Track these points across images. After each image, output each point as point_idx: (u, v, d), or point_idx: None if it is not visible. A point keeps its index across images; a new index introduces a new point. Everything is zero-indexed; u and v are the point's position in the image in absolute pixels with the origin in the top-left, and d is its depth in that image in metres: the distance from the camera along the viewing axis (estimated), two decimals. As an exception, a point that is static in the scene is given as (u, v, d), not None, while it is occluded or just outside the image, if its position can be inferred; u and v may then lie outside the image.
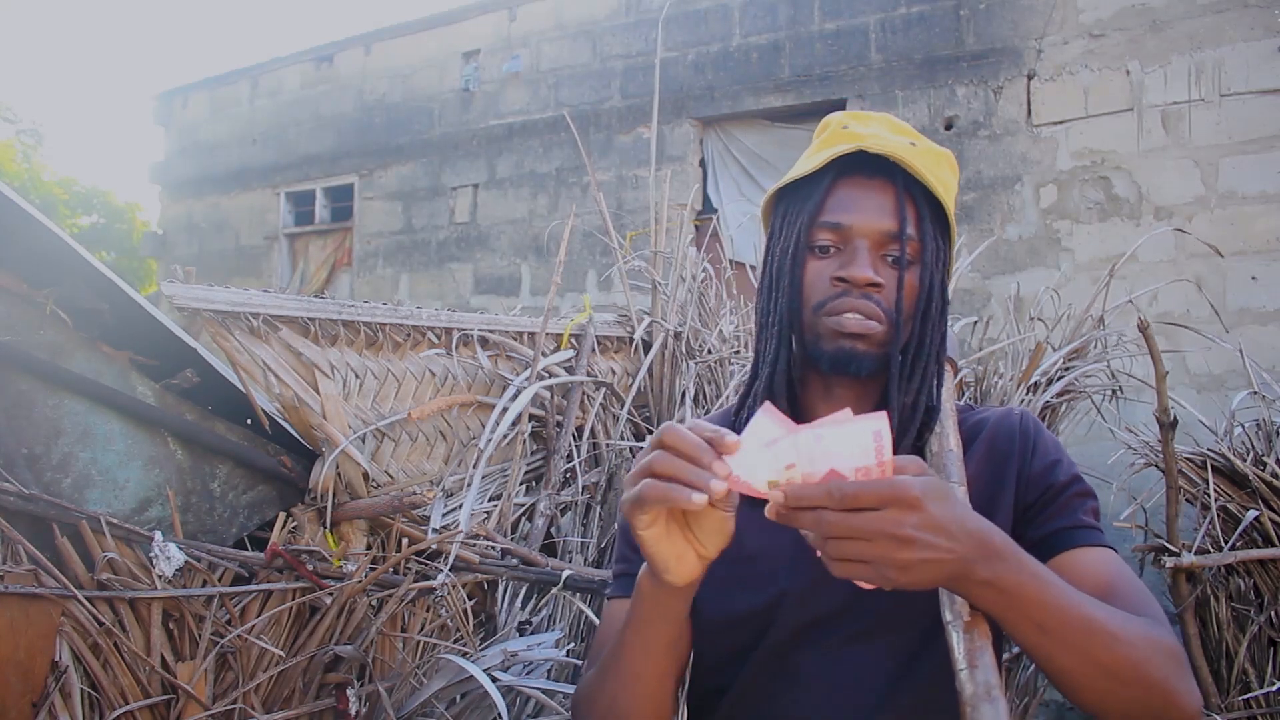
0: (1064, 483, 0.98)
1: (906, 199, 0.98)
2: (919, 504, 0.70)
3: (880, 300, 0.97)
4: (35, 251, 1.45)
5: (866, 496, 0.69)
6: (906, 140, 1.01)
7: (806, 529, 0.71)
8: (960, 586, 0.76)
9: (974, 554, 0.73)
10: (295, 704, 1.64)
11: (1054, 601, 0.78)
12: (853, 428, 0.70)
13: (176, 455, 1.59)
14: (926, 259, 0.98)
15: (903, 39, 5.93)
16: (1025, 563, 0.78)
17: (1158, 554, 2.33)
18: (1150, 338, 2.25)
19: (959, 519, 0.73)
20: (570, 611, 2.18)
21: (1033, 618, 0.77)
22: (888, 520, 0.69)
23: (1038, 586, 0.77)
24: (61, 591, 1.40)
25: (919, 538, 0.70)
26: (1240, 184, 4.84)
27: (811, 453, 0.70)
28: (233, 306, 1.61)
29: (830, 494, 0.69)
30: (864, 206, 0.98)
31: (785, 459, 0.71)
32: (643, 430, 2.58)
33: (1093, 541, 0.95)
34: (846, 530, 0.69)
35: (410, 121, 8.31)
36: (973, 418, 1.07)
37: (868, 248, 0.97)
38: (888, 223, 0.97)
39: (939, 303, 1.01)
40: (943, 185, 1.01)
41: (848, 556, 0.70)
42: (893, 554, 0.69)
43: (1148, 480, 2.64)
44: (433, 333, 2.06)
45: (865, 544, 0.69)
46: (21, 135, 15.77)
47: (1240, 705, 2.31)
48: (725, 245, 5.41)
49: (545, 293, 6.99)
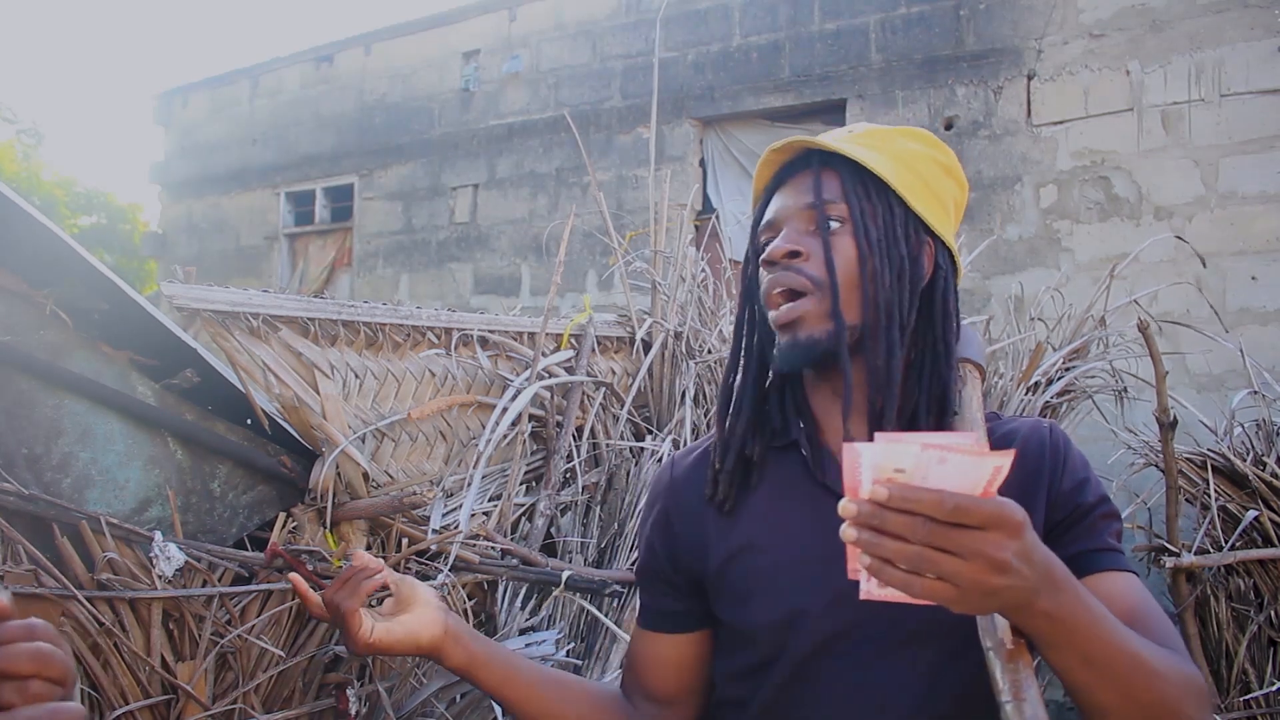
0: (1092, 503, 0.96)
1: (824, 172, 0.98)
2: (1021, 531, 0.68)
3: (804, 269, 0.96)
4: (35, 251, 1.44)
5: (976, 513, 0.66)
6: (845, 131, 1.03)
7: (895, 534, 0.67)
8: (1020, 615, 0.74)
9: (1042, 584, 0.72)
10: (295, 704, 1.64)
11: (1103, 636, 0.76)
12: (979, 461, 0.66)
13: (176, 455, 1.59)
14: (858, 219, 0.96)
15: (903, 39, 5.93)
16: (1081, 595, 0.76)
17: (1158, 554, 2.33)
18: (1150, 338, 2.26)
19: (1039, 547, 0.72)
20: (570, 611, 2.18)
21: (1081, 650, 0.76)
22: (990, 542, 0.67)
23: (1090, 620, 0.76)
24: (61, 591, 1.40)
25: (1014, 565, 0.68)
26: (1240, 184, 4.84)
27: (927, 469, 0.67)
28: (232, 306, 1.61)
29: (942, 502, 0.66)
30: (786, 195, 1.01)
31: (898, 462, 0.67)
32: (643, 430, 2.58)
33: (1117, 566, 0.93)
34: (947, 543, 0.66)
35: (410, 121, 8.31)
36: (1001, 429, 1.03)
37: (792, 224, 0.98)
38: (805, 197, 0.98)
39: (897, 259, 0.96)
40: (884, 152, 0.99)
41: (939, 573, 0.67)
42: (986, 578, 0.67)
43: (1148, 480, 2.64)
44: (433, 333, 2.06)
45: (960, 562, 0.67)
46: (21, 135, 15.78)
47: (1240, 705, 2.31)
48: (725, 245, 5.41)
49: (545, 293, 6.99)
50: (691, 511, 1.07)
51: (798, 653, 0.97)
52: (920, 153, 1.02)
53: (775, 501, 1.02)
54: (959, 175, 1.07)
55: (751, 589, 1.00)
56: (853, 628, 0.95)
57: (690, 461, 1.11)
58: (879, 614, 0.93)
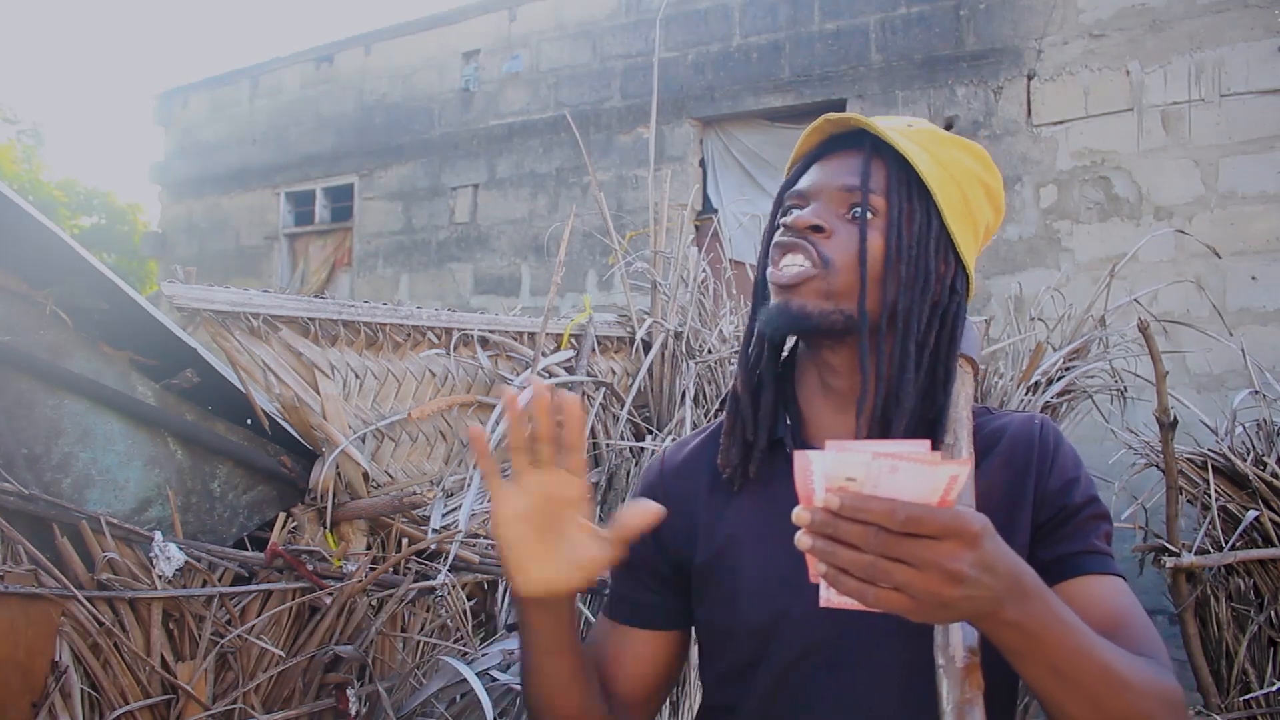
0: (1080, 504, 0.94)
1: (875, 160, 0.95)
2: (978, 541, 0.67)
3: (820, 245, 0.93)
4: (35, 251, 1.44)
5: (930, 524, 0.65)
6: (903, 123, 0.99)
7: (848, 543, 0.66)
8: (986, 624, 0.72)
9: (1008, 593, 0.70)
10: (295, 704, 1.64)
11: (1074, 646, 0.74)
12: (931, 470, 0.65)
13: (176, 455, 1.59)
14: (894, 218, 0.93)
15: (903, 39, 5.93)
16: (1051, 604, 0.74)
17: (1158, 554, 2.33)
18: (1150, 338, 2.26)
19: (1003, 555, 0.70)
20: (570, 611, 2.17)
21: (1050, 660, 0.74)
22: (944, 552, 0.65)
23: (1061, 630, 0.74)
24: (61, 591, 1.40)
25: (970, 575, 0.66)
26: (1240, 184, 4.84)
27: (878, 479, 0.65)
28: (233, 306, 1.61)
29: (893, 513, 0.64)
30: (827, 170, 0.97)
31: (849, 471, 0.66)
32: (643, 430, 2.58)
33: (1103, 569, 0.91)
34: (900, 553, 0.65)
35: (410, 121, 8.31)
36: (991, 424, 1.00)
37: (824, 201, 0.95)
38: (847, 179, 0.94)
39: (923, 276, 0.94)
40: (937, 160, 0.96)
41: (892, 583, 0.66)
42: (940, 589, 0.66)
43: (1148, 480, 2.64)
44: (433, 333, 2.06)
45: (914, 572, 0.65)
46: (22, 136, 15.79)
47: (1240, 705, 2.31)
48: (725, 245, 5.40)
49: (545, 293, 6.99)
50: (684, 499, 1.04)
51: (783, 657, 0.96)
52: (970, 170, 1.00)
53: (761, 499, 1.00)
54: (999, 201, 1.04)
55: (737, 587, 0.98)
56: (837, 633, 0.94)
57: (687, 451, 1.09)
58: (864, 620, 0.92)
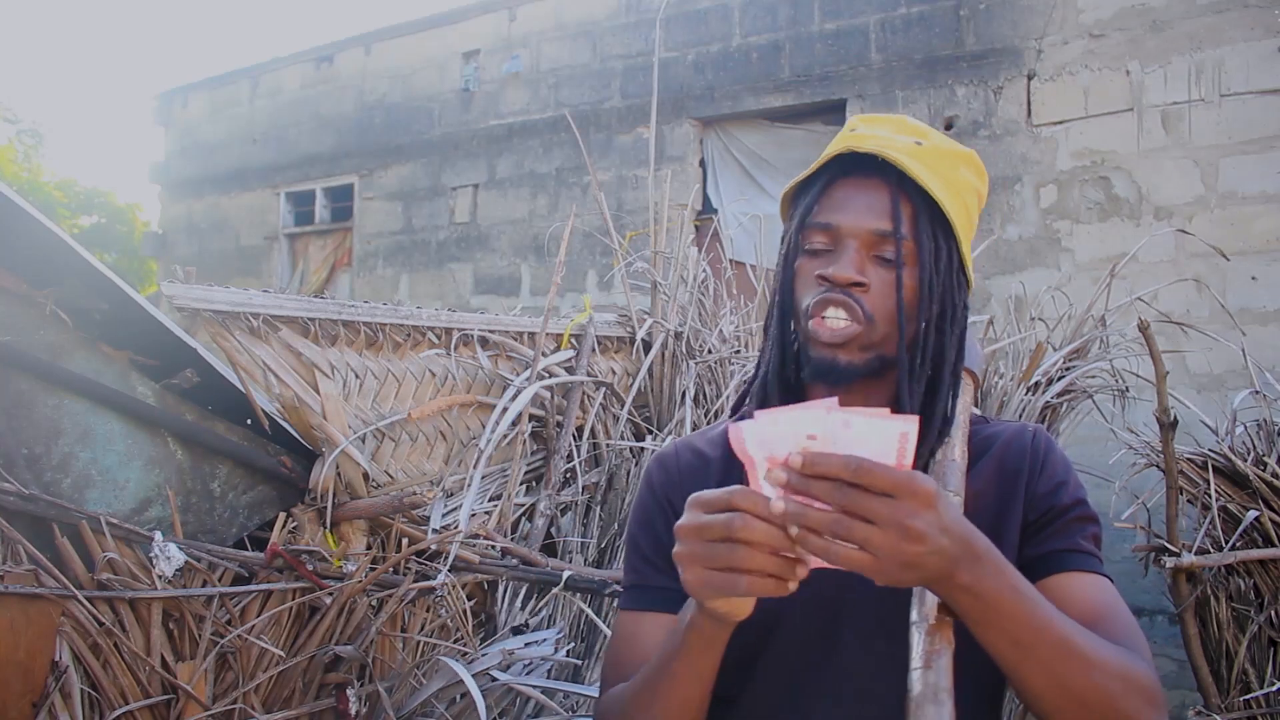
0: (1067, 505, 0.97)
1: (901, 198, 0.96)
2: (932, 501, 0.70)
3: (863, 301, 0.95)
4: (35, 251, 1.45)
5: (883, 479, 0.68)
6: (912, 140, 0.99)
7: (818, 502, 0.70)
8: (942, 588, 0.76)
9: (961, 555, 0.73)
10: (295, 704, 1.64)
11: (1030, 615, 0.77)
12: (882, 424, 0.70)
13: (176, 455, 1.59)
14: (924, 259, 0.96)
15: (903, 39, 5.93)
16: (1006, 572, 0.77)
17: (1158, 554, 2.33)
18: (1150, 338, 2.25)
19: (957, 519, 0.73)
20: (570, 611, 2.18)
21: (1008, 630, 0.77)
22: (901, 509, 0.69)
23: (1015, 599, 0.77)
24: (61, 591, 1.40)
25: (929, 534, 0.69)
26: (1240, 184, 4.84)
27: (836, 434, 0.70)
28: (233, 306, 1.61)
29: (847, 465, 0.68)
30: (855, 206, 0.97)
31: (809, 429, 0.71)
32: (643, 430, 2.58)
33: (1087, 568, 0.94)
34: (859, 509, 0.69)
35: (410, 121, 8.31)
36: (985, 431, 1.04)
37: (856, 247, 0.96)
38: (879, 222, 0.95)
39: (950, 308, 0.98)
40: (950, 185, 0.98)
41: (854, 539, 0.69)
42: (901, 545, 0.69)
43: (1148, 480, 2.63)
44: (433, 333, 2.06)
45: (876, 530, 0.69)
46: (22, 136, 15.77)
47: (1240, 705, 2.30)
48: (725, 245, 5.40)
49: (545, 293, 6.98)
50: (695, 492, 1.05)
51: (783, 648, 0.97)
52: (971, 185, 1.03)
53: None
54: (984, 200, 1.09)
55: None
56: (837, 625, 0.96)
57: (697, 447, 1.10)
58: (863, 612, 0.93)
